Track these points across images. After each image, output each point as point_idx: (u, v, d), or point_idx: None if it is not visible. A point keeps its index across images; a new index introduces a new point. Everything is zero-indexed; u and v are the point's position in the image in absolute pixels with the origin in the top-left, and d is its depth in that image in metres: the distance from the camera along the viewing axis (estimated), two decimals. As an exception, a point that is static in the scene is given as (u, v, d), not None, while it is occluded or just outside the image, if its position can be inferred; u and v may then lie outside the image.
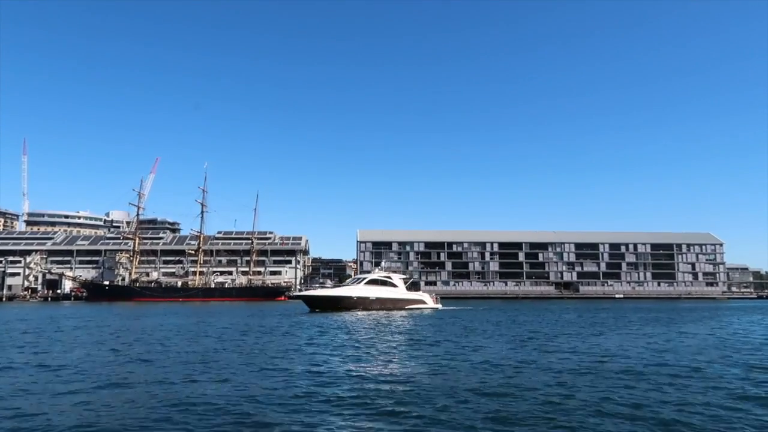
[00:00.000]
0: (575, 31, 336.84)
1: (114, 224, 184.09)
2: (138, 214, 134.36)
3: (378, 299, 61.20)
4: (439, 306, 68.07)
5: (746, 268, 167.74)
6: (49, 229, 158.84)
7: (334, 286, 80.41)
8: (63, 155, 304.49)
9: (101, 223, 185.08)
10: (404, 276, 70.53)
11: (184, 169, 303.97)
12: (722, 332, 31.72)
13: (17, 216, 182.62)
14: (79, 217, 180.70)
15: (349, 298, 60.03)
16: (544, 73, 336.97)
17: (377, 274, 65.44)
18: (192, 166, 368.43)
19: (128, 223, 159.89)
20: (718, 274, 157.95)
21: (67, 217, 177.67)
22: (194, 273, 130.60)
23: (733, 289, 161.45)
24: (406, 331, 31.37)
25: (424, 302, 66.20)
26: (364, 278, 63.91)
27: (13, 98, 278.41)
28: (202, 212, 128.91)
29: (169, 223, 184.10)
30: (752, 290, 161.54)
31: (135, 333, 30.88)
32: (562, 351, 21.69)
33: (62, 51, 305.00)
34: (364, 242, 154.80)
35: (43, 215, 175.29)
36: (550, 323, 39.41)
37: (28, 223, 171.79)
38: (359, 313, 54.54)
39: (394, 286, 63.56)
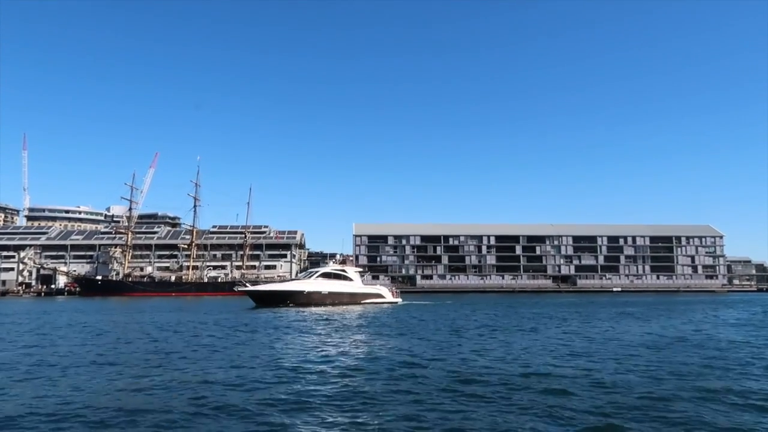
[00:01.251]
0: (572, 25, 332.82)
1: (115, 219, 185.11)
2: (131, 209, 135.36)
3: (331, 294, 58.73)
4: (399, 300, 65.75)
5: (749, 261, 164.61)
6: (50, 224, 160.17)
7: (282, 281, 78.31)
8: (64, 150, 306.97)
9: (102, 218, 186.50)
10: (359, 269, 68.58)
11: (187, 163, 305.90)
12: (671, 328, 30.62)
13: (17, 211, 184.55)
14: (80, 212, 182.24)
15: (300, 292, 57.36)
16: (542, 68, 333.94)
17: (331, 267, 62.11)
18: (195, 161, 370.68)
19: (128, 217, 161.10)
20: (717, 267, 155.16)
21: (67, 212, 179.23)
22: (188, 267, 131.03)
23: (734, 282, 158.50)
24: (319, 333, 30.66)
25: (381, 296, 63.69)
26: (317, 271, 60.98)
27: (13, 93, 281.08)
28: (195, 206, 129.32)
29: (170, 218, 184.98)
30: (753, 283, 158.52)
31: (49, 329, 30.54)
32: (444, 350, 20.90)
33: (62, 46, 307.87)
34: (360, 236, 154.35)
35: (43, 210, 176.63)
36: (494, 320, 38.49)
37: (29, 218, 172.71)
38: (306, 309, 51.52)
39: (350, 279, 61.00)
